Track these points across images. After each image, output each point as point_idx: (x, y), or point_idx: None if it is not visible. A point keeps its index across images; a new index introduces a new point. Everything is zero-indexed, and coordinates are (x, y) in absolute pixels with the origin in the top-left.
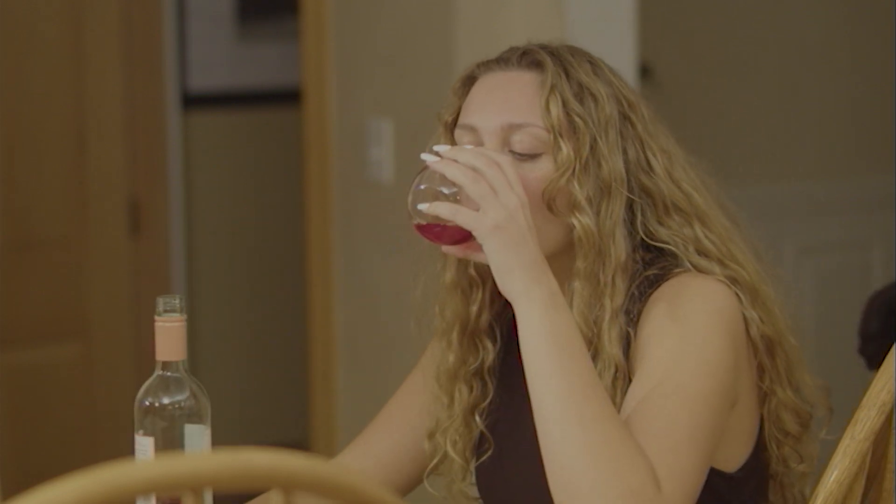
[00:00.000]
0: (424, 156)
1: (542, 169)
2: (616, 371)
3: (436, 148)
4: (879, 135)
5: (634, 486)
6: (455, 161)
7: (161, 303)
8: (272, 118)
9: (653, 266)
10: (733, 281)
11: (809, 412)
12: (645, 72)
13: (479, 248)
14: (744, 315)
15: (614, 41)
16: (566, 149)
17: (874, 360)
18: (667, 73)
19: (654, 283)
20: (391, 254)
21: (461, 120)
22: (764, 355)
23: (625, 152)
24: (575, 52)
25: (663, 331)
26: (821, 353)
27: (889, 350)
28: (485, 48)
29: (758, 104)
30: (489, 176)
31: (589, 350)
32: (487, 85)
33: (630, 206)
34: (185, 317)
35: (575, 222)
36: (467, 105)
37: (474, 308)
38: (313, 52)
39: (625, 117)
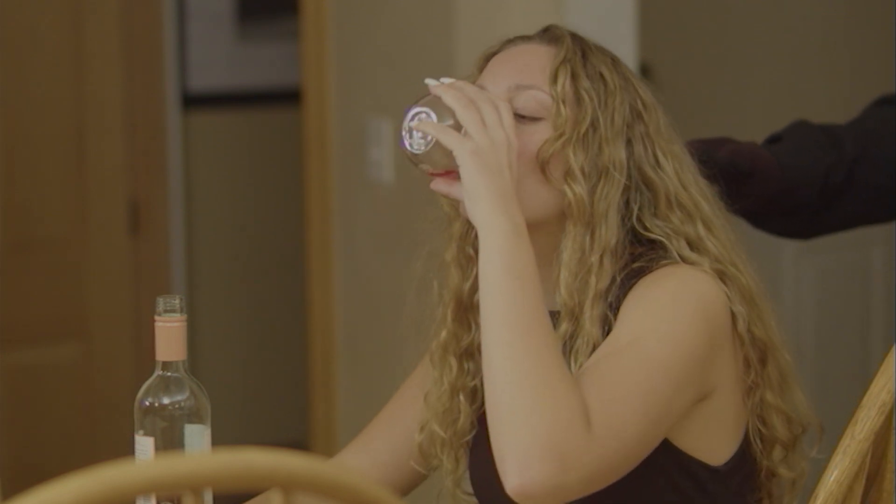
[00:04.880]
0: (429, 81)
1: (542, 133)
2: (594, 350)
3: (442, 79)
4: None
5: (561, 420)
6: (455, 90)
7: (161, 303)
8: (272, 118)
9: (640, 259)
10: (721, 275)
11: (802, 426)
12: (645, 72)
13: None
14: (731, 310)
15: (614, 41)
16: (566, 113)
17: None
18: (667, 73)
19: (638, 274)
20: (391, 254)
21: (476, 83)
22: (750, 348)
23: (630, 143)
24: (600, 47)
25: (636, 304)
26: (821, 353)
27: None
28: (485, 48)
29: (758, 104)
30: (484, 110)
31: (571, 324)
32: (505, 55)
33: (626, 196)
34: (185, 317)
35: (567, 190)
36: (484, 73)
37: (468, 284)
38: (313, 52)
39: (637, 114)
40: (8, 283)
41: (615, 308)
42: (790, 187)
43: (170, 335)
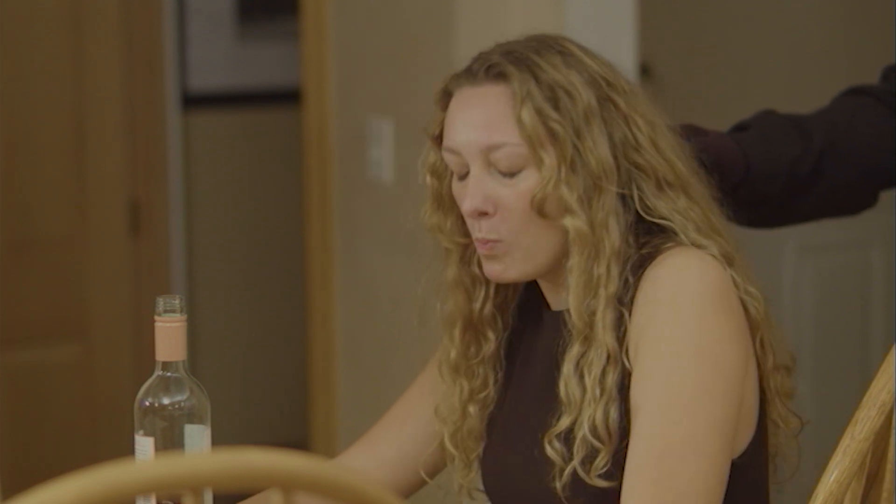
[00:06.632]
0: None
1: (527, 181)
2: (608, 357)
3: None
4: None
5: None
6: None
7: (161, 303)
8: (272, 118)
9: (646, 245)
10: (729, 260)
11: (793, 357)
12: (645, 72)
13: None
14: (741, 298)
15: (614, 41)
16: (548, 158)
17: None
18: (666, 73)
19: (646, 261)
20: (391, 254)
21: (445, 142)
22: (764, 329)
23: (611, 136)
24: (542, 46)
25: (657, 322)
26: (821, 353)
27: None
28: (484, 48)
29: (758, 104)
30: None
31: (583, 346)
32: (461, 103)
33: (623, 191)
34: (185, 317)
35: (568, 224)
36: (447, 125)
37: (477, 304)
38: (313, 52)
39: (605, 99)
40: (8, 283)
41: (629, 303)
42: (755, 178)
43: (170, 335)
